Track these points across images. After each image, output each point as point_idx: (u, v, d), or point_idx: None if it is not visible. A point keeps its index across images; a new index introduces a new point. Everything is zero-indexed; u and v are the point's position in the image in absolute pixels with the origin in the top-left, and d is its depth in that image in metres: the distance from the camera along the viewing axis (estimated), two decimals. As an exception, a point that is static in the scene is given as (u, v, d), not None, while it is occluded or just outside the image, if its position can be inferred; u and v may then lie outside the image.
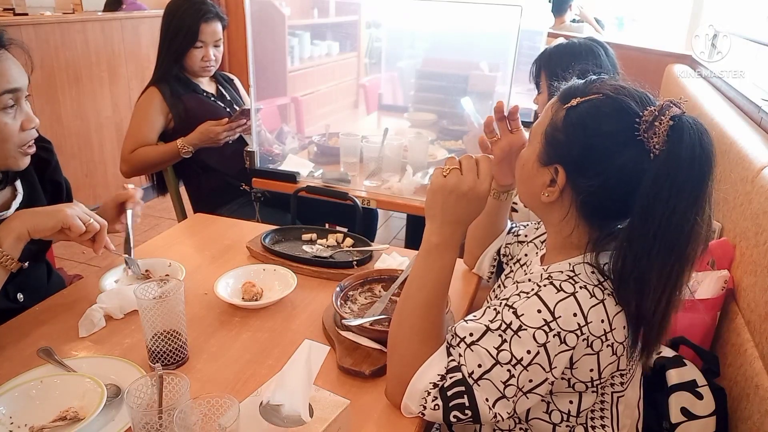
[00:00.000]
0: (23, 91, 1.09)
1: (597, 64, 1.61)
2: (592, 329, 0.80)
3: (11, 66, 1.06)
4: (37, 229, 1.04)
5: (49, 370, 0.95)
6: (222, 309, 1.17)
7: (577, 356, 0.81)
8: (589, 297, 0.81)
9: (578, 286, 0.82)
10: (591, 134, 0.84)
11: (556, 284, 0.82)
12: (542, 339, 0.79)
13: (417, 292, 0.91)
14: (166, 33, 2.06)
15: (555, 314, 0.80)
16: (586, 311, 0.80)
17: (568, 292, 0.81)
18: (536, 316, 0.80)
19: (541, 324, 0.80)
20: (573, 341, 0.79)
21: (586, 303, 0.81)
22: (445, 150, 2.12)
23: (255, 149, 1.90)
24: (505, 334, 0.81)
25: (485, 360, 0.81)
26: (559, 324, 0.79)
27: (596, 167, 0.84)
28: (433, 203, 0.92)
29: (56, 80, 3.20)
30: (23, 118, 1.09)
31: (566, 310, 0.80)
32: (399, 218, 3.67)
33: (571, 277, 0.83)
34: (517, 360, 0.80)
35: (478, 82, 2.46)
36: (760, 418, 0.94)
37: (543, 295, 0.82)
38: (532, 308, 0.81)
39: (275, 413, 0.77)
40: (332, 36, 3.88)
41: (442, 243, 0.91)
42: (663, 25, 5.32)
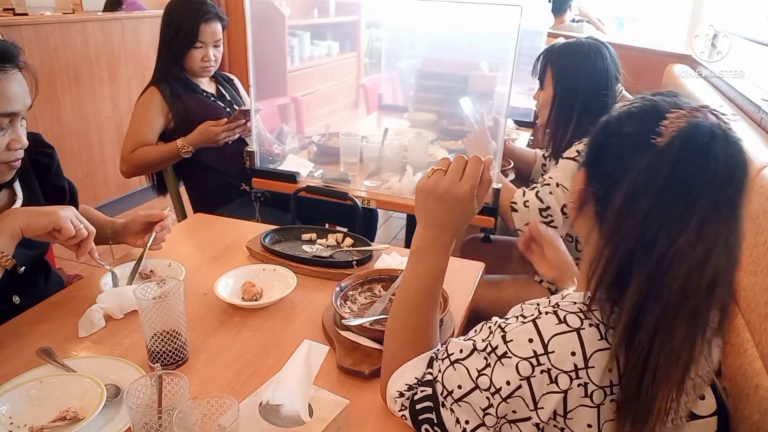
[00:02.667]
0: (21, 114, 1.08)
1: (604, 65, 1.62)
2: (593, 376, 0.69)
3: (16, 89, 1.05)
4: (30, 227, 1.04)
5: (48, 370, 0.95)
6: (222, 309, 1.17)
7: (572, 403, 0.70)
8: (598, 339, 0.70)
9: (587, 323, 0.70)
10: (610, 133, 0.78)
11: (559, 315, 0.72)
12: (526, 372, 0.70)
13: (403, 295, 0.89)
14: (166, 33, 2.06)
15: (548, 348, 0.70)
16: (588, 353, 0.69)
17: (571, 327, 0.70)
18: (525, 346, 0.71)
19: (528, 355, 0.70)
20: (565, 384, 0.69)
21: (592, 344, 0.69)
22: (445, 150, 2.12)
23: (255, 149, 1.90)
24: (489, 358, 0.74)
25: (465, 382, 0.76)
26: (551, 360, 0.69)
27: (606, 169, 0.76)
28: (417, 205, 0.89)
29: (56, 80, 3.20)
30: (12, 137, 1.08)
31: (562, 346, 0.69)
32: (399, 218, 3.67)
33: (583, 311, 0.72)
34: (496, 389, 0.72)
35: (478, 82, 2.46)
36: (760, 418, 0.94)
37: (540, 324, 0.72)
38: (523, 336, 0.72)
39: (275, 413, 0.76)
40: (332, 36, 3.89)
41: (425, 247, 0.88)
42: (663, 25, 5.32)
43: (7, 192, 1.20)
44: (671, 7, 5.13)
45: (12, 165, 1.12)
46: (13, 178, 1.18)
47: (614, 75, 1.65)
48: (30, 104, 1.10)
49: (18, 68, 1.07)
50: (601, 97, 1.62)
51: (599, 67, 1.61)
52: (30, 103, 1.10)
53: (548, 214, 1.55)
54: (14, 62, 1.06)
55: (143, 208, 3.78)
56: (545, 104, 1.69)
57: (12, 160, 1.11)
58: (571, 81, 1.62)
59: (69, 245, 1.10)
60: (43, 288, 1.29)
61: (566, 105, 1.63)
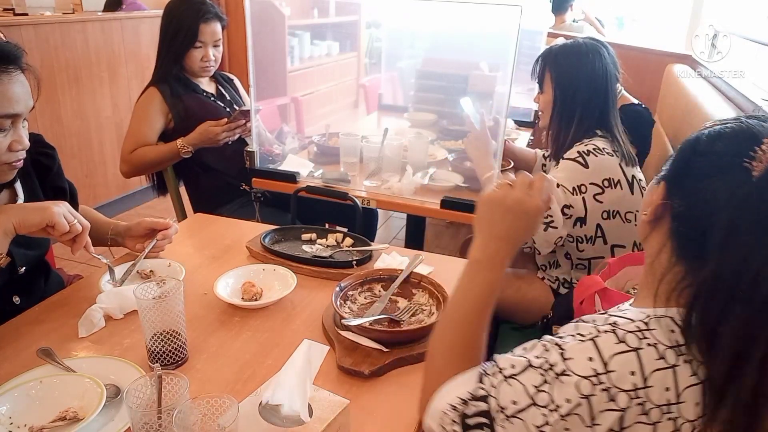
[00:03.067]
0: (23, 116, 1.09)
1: (603, 65, 1.62)
2: (652, 396, 0.69)
3: (19, 90, 1.06)
4: (23, 224, 1.04)
5: (48, 370, 0.95)
6: (222, 309, 1.17)
7: (628, 420, 0.70)
8: (656, 358, 0.70)
9: (645, 343, 0.71)
10: (699, 151, 0.76)
11: (618, 334, 0.72)
12: (586, 390, 0.70)
13: (455, 307, 0.87)
14: (166, 33, 2.06)
15: (608, 367, 0.70)
16: (647, 373, 0.69)
17: (630, 347, 0.70)
18: (586, 364, 0.71)
19: (589, 374, 0.70)
20: (624, 402, 0.69)
21: (650, 364, 0.69)
22: (445, 150, 2.12)
23: (255, 149, 1.90)
24: (547, 375, 0.73)
25: (521, 398, 0.73)
26: (612, 379, 0.69)
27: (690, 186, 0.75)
28: (480, 216, 0.89)
29: (56, 80, 3.20)
30: (14, 138, 1.08)
31: (623, 366, 0.69)
32: (399, 218, 3.67)
33: (641, 330, 0.72)
34: (555, 406, 0.71)
35: (478, 82, 2.46)
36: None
37: (599, 343, 0.71)
38: (583, 354, 0.71)
39: (274, 413, 0.77)
40: (332, 36, 3.89)
41: (485, 259, 0.86)
42: (663, 25, 5.32)
43: (8, 192, 1.20)
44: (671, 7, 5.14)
45: (13, 165, 1.11)
46: (14, 178, 1.18)
47: (613, 75, 1.65)
48: (32, 106, 1.10)
49: (21, 70, 1.07)
50: (600, 97, 1.62)
51: (598, 67, 1.61)
52: (32, 105, 1.10)
53: (548, 215, 1.55)
54: (17, 63, 1.06)
55: (143, 208, 3.79)
56: (546, 107, 1.69)
57: (13, 161, 1.11)
58: (570, 83, 1.62)
59: (64, 240, 1.10)
60: (43, 288, 1.29)
61: (566, 107, 1.63)
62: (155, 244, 1.32)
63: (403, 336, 1.06)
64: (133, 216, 3.63)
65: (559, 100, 1.64)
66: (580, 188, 1.55)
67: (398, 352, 1.02)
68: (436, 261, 1.38)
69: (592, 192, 1.55)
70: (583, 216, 1.57)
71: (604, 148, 1.57)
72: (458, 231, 3.47)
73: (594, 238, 1.63)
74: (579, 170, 1.55)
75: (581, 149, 1.57)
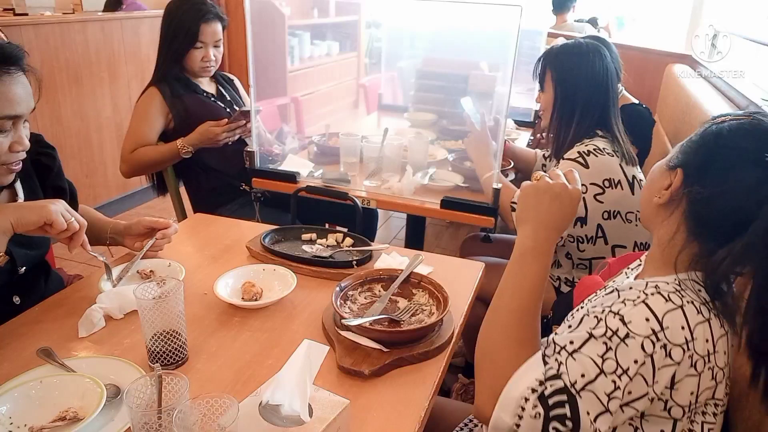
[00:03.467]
0: (24, 117, 1.09)
1: (603, 64, 1.62)
2: (698, 347, 0.77)
3: (20, 92, 1.06)
4: (20, 222, 1.03)
5: (48, 370, 0.95)
6: (222, 309, 1.17)
7: (680, 375, 0.77)
8: (696, 313, 0.78)
9: (686, 300, 0.79)
10: (722, 144, 0.83)
11: (664, 294, 0.79)
12: (650, 349, 0.75)
13: (511, 298, 0.90)
14: (166, 33, 2.06)
15: (663, 325, 0.76)
16: (693, 326, 0.77)
17: (676, 304, 0.78)
18: (644, 324, 0.76)
19: (649, 333, 0.76)
20: (678, 356, 0.76)
21: (693, 318, 0.77)
22: (445, 150, 2.12)
23: (255, 149, 1.90)
24: (611, 342, 0.77)
25: (589, 369, 0.76)
26: (667, 336, 0.76)
27: (715, 176, 0.82)
28: (525, 206, 0.93)
29: (56, 80, 3.20)
30: (14, 139, 1.08)
31: (674, 321, 0.77)
32: (399, 218, 3.67)
33: (679, 290, 0.80)
34: (623, 370, 0.75)
35: (478, 82, 2.46)
36: (761, 418, 0.94)
37: (651, 304, 0.78)
38: (640, 316, 0.77)
39: (274, 413, 0.77)
40: (332, 36, 3.89)
41: (537, 248, 0.90)
42: (663, 25, 5.32)
43: (8, 192, 1.20)
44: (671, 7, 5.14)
45: (12, 168, 1.12)
46: (14, 179, 1.18)
47: (614, 74, 1.65)
48: (33, 107, 1.10)
49: (23, 71, 1.07)
50: (601, 97, 1.62)
51: (598, 66, 1.61)
52: (33, 106, 1.10)
53: None
54: (19, 65, 1.06)
55: (143, 208, 3.79)
56: (547, 106, 1.69)
57: (12, 162, 1.11)
58: (570, 82, 1.62)
59: (61, 238, 1.10)
60: (43, 288, 1.29)
61: (567, 106, 1.63)
62: (154, 242, 1.32)
63: (403, 336, 1.06)
64: (133, 216, 3.60)
65: (560, 99, 1.64)
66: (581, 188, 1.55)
67: (398, 352, 1.02)
68: (436, 261, 1.38)
69: (593, 192, 1.55)
70: (584, 216, 1.57)
71: (604, 148, 1.57)
72: (458, 231, 3.47)
73: (595, 239, 1.63)
74: (579, 170, 1.55)
75: (581, 149, 1.57)
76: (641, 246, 1.66)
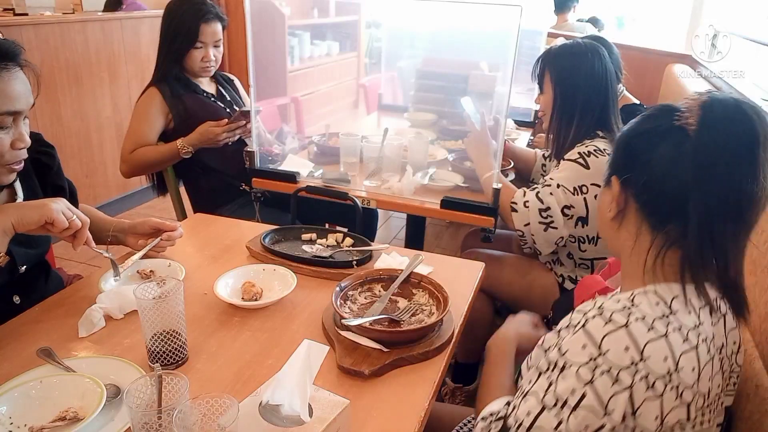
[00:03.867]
0: (24, 113, 1.09)
1: (603, 65, 1.62)
2: (652, 366, 0.71)
3: (19, 87, 1.05)
4: (22, 222, 1.03)
5: (48, 370, 0.95)
6: (222, 309, 1.17)
7: (638, 399, 0.71)
8: (647, 330, 0.73)
9: (633, 318, 0.74)
10: (632, 134, 0.85)
11: (605, 315, 0.75)
12: (587, 376, 0.72)
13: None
14: (166, 33, 2.06)
15: (602, 349, 0.72)
16: (642, 345, 0.72)
17: (618, 324, 0.73)
18: (580, 352, 0.74)
19: (585, 360, 0.73)
20: (627, 380, 0.71)
21: (642, 337, 0.72)
22: (445, 150, 2.12)
23: (255, 149, 1.90)
24: (552, 375, 0.76)
25: (533, 407, 0.76)
26: (609, 359, 0.71)
27: (639, 161, 0.82)
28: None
29: (56, 80, 3.20)
30: (15, 137, 1.08)
31: (616, 343, 0.72)
32: (399, 218, 3.67)
33: (627, 308, 0.75)
34: (563, 402, 0.73)
35: (478, 82, 2.46)
36: (760, 418, 0.94)
37: (589, 329, 0.75)
38: (576, 344, 0.75)
39: (275, 413, 0.77)
40: (332, 36, 3.89)
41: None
42: (663, 25, 5.32)
43: (8, 192, 1.20)
44: (671, 7, 5.14)
45: (13, 167, 1.11)
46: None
47: (614, 75, 1.65)
48: (33, 103, 1.10)
49: (20, 67, 1.06)
50: (601, 97, 1.62)
51: (598, 67, 1.61)
52: (33, 102, 1.10)
53: (548, 215, 1.55)
54: (16, 61, 1.05)
55: (143, 208, 3.79)
56: (546, 107, 1.69)
57: (14, 162, 1.10)
58: (569, 83, 1.63)
59: (64, 237, 1.10)
60: (44, 288, 1.29)
61: (566, 107, 1.64)
62: (158, 242, 1.32)
63: (403, 336, 1.06)
64: (134, 216, 3.63)
65: (559, 99, 1.64)
66: (581, 188, 1.55)
67: (398, 352, 1.02)
68: (436, 261, 1.38)
69: (594, 192, 1.55)
70: (585, 216, 1.57)
71: (605, 149, 1.57)
72: (458, 231, 3.46)
73: (596, 239, 1.63)
74: (580, 171, 1.56)
75: (582, 150, 1.57)
76: None
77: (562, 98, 1.64)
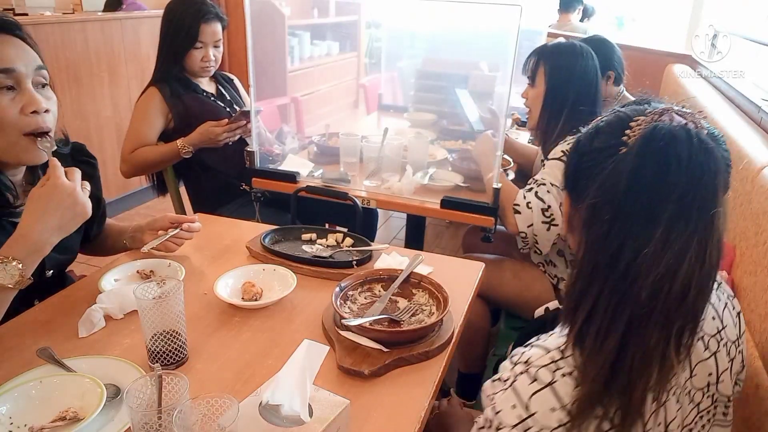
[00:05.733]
0: (25, 76, 1.05)
1: (594, 65, 1.68)
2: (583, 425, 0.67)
3: (12, 50, 1.04)
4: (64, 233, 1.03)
5: (48, 370, 0.95)
6: (222, 309, 1.17)
7: None
8: (574, 387, 0.68)
9: (559, 374, 0.69)
10: (582, 152, 0.78)
11: (531, 373, 0.71)
12: None
13: None
14: (166, 33, 2.06)
15: (530, 410, 0.69)
16: (568, 404, 0.67)
17: (544, 383, 0.69)
18: (511, 413, 0.71)
19: (516, 422, 0.70)
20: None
21: (568, 395, 0.68)
22: (445, 150, 2.12)
23: (255, 149, 1.90)
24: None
25: None
26: (538, 420, 0.68)
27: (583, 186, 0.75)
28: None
29: (56, 80, 3.15)
30: (26, 101, 1.04)
31: (542, 405, 0.68)
32: (399, 218, 3.67)
33: (555, 361, 0.70)
34: None
35: (478, 82, 2.46)
36: (760, 418, 0.94)
37: (517, 387, 0.71)
38: (506, 403, 0.72)
39: (275, 413, 0.77)
40: (332, 36, 3.89)
41: None
42: (663, 25, 5.32)
43: None
44: (671, 7, 5.14)
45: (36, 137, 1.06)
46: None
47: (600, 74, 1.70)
48: (38, 66, 1.07)
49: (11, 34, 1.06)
50: (591, 95, 1.68)
51: (591, 67, 1.67)
52: (37, 65, 1.07)
53: (550, 213, 1.56)
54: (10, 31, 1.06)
55: (143, 208, 3.79)
56: (535, 101, 1.71)
57: (32, 129, 1.05)
58: (564, 77, 1.66)
59: None
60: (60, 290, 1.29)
61: (557, 101, 1.67)
62: (178, 233, 1.33)
63: (403, 336, 1.06)
64: (134, 216, 3.63)
65: (551, 94, 1.67)
66: None
67: (398, 352, 1.02)
68: (436, 261, 1.38)
69: None
70: None
71: None
72: (458, 231, 3.46)
73: None
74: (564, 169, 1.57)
75: (564, 148, 1.61)
76: None
77: (554, 92, 1.67)
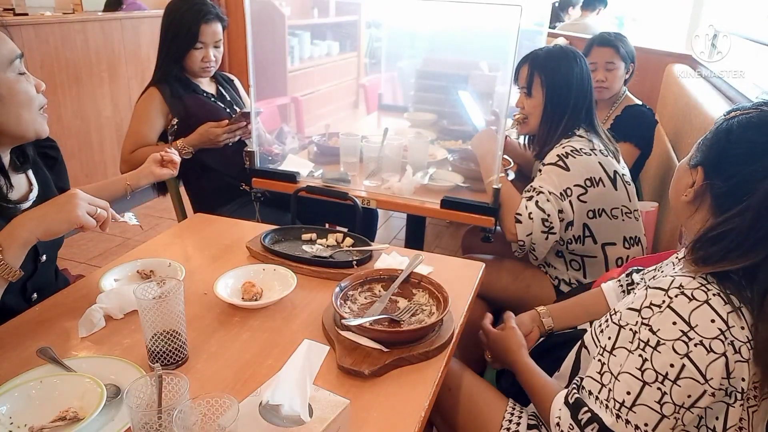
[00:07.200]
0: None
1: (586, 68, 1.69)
2: (736, 334, 0.80)
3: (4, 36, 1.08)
4: (48, 233, 1.02)
5: (48, 370, 0.95)
6: (222, 309, 1.17)
7: (731, 365, 0.81)
8: (724, 304, 0.82)
9: (711, 294, 0.82)
10: (733, 139, 0.88)
11: (687, 293, 0.83)
12: (683, 350, 0.80)
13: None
14: (166, 34, 2.06)
15: (691, 323, 0.81)
16: (725, 316, 0.81)
17: (700, 300, 0.82)
18: (672, 329, 0.82)
19: (678, 336, 0.81)
20: (720, 348, 0.80)
21: (722, 309, 0.81)
22: (445, 150, 2.12)
23: (255, 149, 1.90)
24: (645, 353, 0.83)
25: (632, 385, 0.83)
26: (699, 333, 0.80)
27: (731, 171, 0.87)
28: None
29: (56, 80, 3.20)
30: (35, 82, 1.13)
31: (702, 317, 0.81)
32: (399, 218, 3.67)
33: (703, 285, 0.84)
34: (663, 375, 0.81)
35: (478, 82, 2.46)
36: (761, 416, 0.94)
37: (675, 307, 0.83)
38: (666, 322, 0.82)
39: (275, 413, 0.77)
40: (332, 36, 3.89)
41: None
42: (663, 25, 5.32)
43: (26, 181, 1.22)
44: (671, 7, 5.14)
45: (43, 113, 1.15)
46: (26, 167, 1.20)
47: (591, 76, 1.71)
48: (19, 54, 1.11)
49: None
50: (587, 98, 1.68)
51: (584, 70, 1.67)
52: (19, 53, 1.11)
53: (549, 223, 1.56)
54: None
55: (143, 208, 3.78)
56: (534, 111, 1.69)
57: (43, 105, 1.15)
58: (562, 85, 1.65)
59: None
60: (54, 284, 1.30)
61: (558, 109, 1.66)
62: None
63: (403, 336, 1.06)
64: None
65: (551, 102, 1.66)
66: (566, 192, 1.57)
67: (398, 352, 1.02)
68: (436, 261, 1.38)
69: (577, 194, 1.57)
70: (572, 220, 1.58)
71: (581, 148, 1.59)
72: (458, 231, 3.47)
73: (582, 238, 1.64)
74: (561, 174, 1.57)
75: (560, 152, 1.60)
76: (631, 241, 1.67)
77: (555, 100, 1.66)
